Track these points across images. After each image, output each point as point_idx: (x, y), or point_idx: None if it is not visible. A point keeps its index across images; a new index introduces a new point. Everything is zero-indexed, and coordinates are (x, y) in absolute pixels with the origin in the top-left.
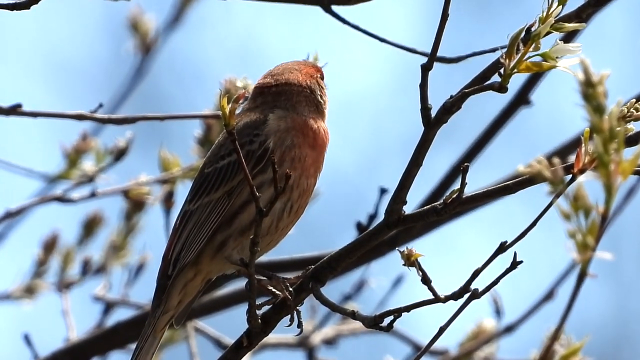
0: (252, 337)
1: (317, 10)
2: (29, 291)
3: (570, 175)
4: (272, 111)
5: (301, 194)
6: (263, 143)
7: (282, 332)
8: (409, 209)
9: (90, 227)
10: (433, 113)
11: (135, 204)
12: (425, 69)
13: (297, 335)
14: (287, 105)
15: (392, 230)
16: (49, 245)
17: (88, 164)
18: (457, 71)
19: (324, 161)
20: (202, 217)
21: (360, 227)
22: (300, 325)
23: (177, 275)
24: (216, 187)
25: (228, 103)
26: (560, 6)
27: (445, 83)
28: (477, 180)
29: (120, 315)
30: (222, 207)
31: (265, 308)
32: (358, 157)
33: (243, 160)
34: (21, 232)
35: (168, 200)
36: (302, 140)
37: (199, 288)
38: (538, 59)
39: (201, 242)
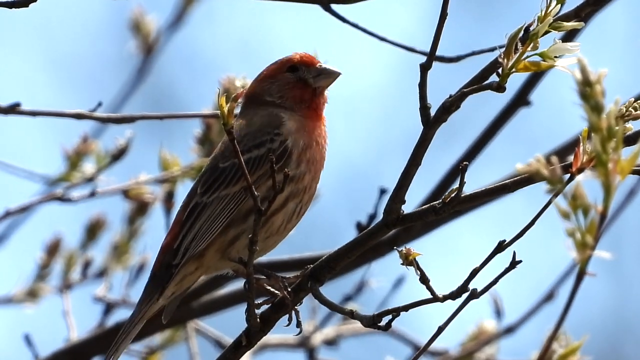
0: (251, 336)
1: (318, 8)
2: (32, 295)
3: (569, 175)
4: (281, 112)
5: (310, 198)
6: (283, 142)
7: (283, 333)
8: (409, 208)
9: (93, 230)
10: (432, 112)
11: (139, 207)
12: (424, 68)
13: (296, 335)
14: (279, 105)
15: (390, 229)
16: (52, 249)
17: (89, 166)
18: (459, 70)
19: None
20: (217, 209)
21: (360, 227)
22: (299, 324)
23: (182, 266)
24: (234, 182)
25: (227, 102)
26: (559, 5)
27: (447, 82)
28: (477, 179)
29: (121, 315)
30: (238, 201)
31: (264, 307)
32: (360, 156)
33: (242, 161)
34: (23, 234)
35: (168, 201)
36: (310, 141)
37: (192, 283)
38: (536, 58)
39: (213, 234)
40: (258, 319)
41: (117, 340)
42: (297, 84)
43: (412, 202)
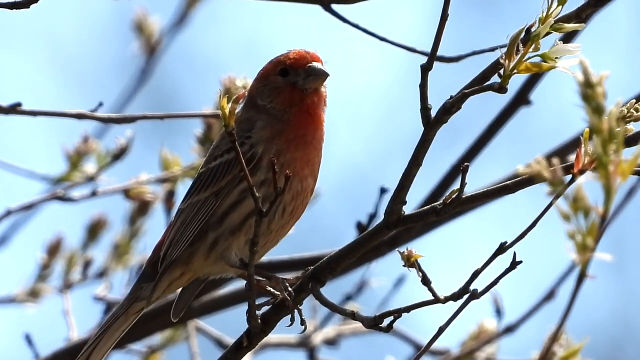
0: (252, 337)
1: (319, 9)
2: (33, 294)
3: (570, 176)
4: (258, 118)
5: (295, 196)
6: (252, 147)
7: (283, 332)
8: (409, 208)
9: (94, 230)
10: (433, 113)
11: (140, 207)
12: (425, 69)
13: (301, 333)
14: (268, 110)
15: (391, 230)
16: (53, 249)
17: (90, 166)
18: (460, 70)
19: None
20: (190, 215)
21: (360, 226)
22: (303, 322)
23: (164, 273)
24: (205, 187)
25: (228, 103)
26: (560, 6)
27: (448, 82)
28: (477, 179)
29: None
30: (209, 206)
31: (265, 308)
32: (362, 157)
33: (242, 159)
34: (24, 233)
35: (169, 201)
36: (287, 146)
37: (184, 285)
38: (538, 59)
39: (187, 241)
40: (259, 320)
41: (97, 333)
42: (286, 88)
43: (412, 201)
